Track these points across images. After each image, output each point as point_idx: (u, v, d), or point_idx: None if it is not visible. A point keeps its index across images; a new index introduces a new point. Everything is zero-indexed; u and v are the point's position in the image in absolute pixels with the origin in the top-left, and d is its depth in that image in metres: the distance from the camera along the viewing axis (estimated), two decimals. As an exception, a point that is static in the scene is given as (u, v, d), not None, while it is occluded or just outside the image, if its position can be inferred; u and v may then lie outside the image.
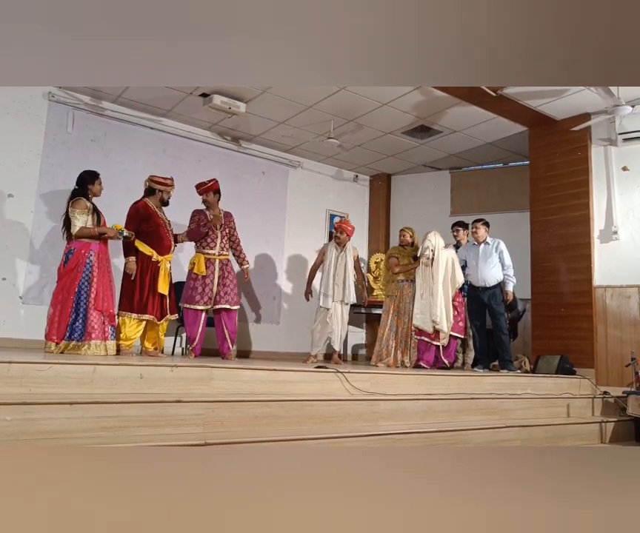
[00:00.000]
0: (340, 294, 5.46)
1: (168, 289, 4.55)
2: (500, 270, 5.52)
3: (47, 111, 5.78)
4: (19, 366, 2.76)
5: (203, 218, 4.95)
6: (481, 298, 5.53)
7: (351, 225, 5.74)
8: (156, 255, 4.49)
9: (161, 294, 4.49)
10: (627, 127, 5.75)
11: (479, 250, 5.58)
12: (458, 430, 3.79)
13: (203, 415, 2.94)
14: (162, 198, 4.67)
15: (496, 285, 5.50)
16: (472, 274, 5.62)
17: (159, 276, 4.46)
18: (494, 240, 5.60)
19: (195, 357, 4.68)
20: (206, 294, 4.76)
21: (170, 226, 4.71)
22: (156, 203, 4.65)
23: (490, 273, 5.49)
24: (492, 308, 5.49)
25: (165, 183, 4.67)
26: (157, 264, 4.49)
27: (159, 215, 4.64)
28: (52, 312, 4.09)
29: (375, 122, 6.41)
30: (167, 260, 4.59)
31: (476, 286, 5.56)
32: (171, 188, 4.71)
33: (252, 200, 7.14)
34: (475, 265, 5.56)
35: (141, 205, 4.59)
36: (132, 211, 4.56)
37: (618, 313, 5.75)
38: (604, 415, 4.83)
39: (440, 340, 5.38)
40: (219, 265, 4.87)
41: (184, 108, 6.21)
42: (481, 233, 5.59)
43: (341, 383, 3.76)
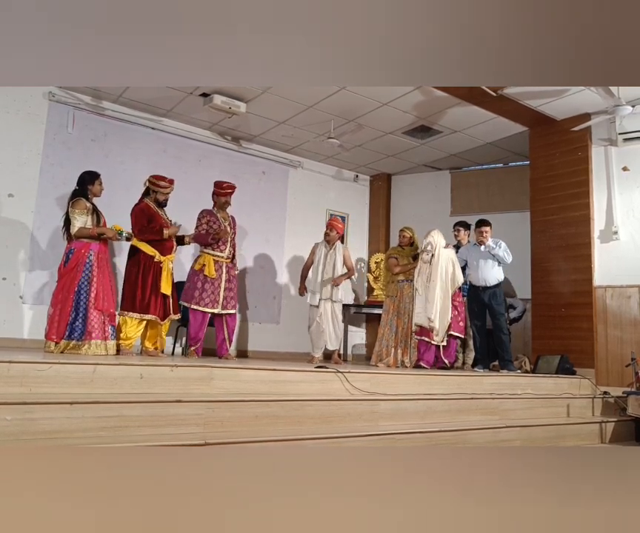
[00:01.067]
0: (328, 292, 5.45)
1: (171, 289, 4.56)
2: (501, 270, 5.54)
3: (47, 111, 5.78)
4: (19, 366, 2.76)
5: (213, 219, 4.94)
6: (481, 298, 5.53)
7: (341, 223, 5.80)
8: (159, 255, 4.49)
9: (164, 294, 4.49)
10: (627, 127, 5.75)
11: (480, 250, 5.58)
12: (458, 430, 3.79)
13: (203, 415, 2.94)
14: (156, 198, 4.66)
15: (497, 285, 5.51)
16: (472, 274, 5.63)
17: (162, 276, 4.46)
18: (496, 241, 5.60)
19: (198, 358, 4.68)
20: (215, 297, 4.76)
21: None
22: (155, 203, 4.66)
23: (491, 273, 5.50)
24: (492, 308, 5.49)
25: (158, 184, 4.65)
26: (159, 264, 4.49)
27: (161, 214, 4.65)
28: (52, 312, 4.10)
29: (376, 122, 6.41)
30: (170, 261, 4.59)
31: (477, 286, 5.57)
32: (166, 189, 4.67)
33: (253, 200, 7.14)
34: (476, 265, 5.56)
35: (144, 206, 4.61)
36: (137, 211, 4.57)
37: (618, 313, 5.75)
38: (604, 415, 4.83)
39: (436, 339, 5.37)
40: (226, 268, 4.88)
41: (185, 108, 6.21)
42: (487, 237, 5.60)
43: (341, 383, 3.77)
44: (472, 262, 5.65)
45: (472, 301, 5.65)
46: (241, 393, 3.35)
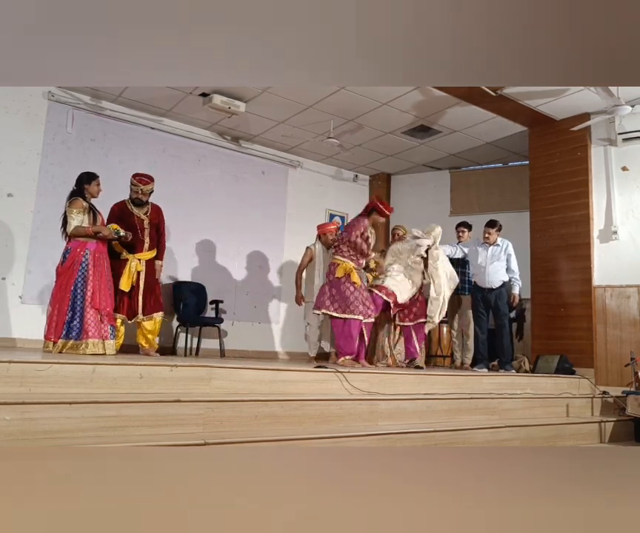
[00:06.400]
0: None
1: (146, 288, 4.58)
2: (505, 271, 5.54)
3: (46, 110, 5.79)
4: (19, 366, 2.76)
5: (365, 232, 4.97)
6: (487, 299, 5.54)
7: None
8: (125, 252, 4.54)
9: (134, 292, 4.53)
10: (626, 127, 5.76)
11: (488, 251, 5.58)
12: (457, 430, 3.79)
13: (203, 415, 2.94)
14: (132, 197, 4.70)
15: (502, 285, 5.51)
16: (478, 274, 5.62)
17: (123, 274, 4.49)
18: (503, 241, 5.61)
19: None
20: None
21: (147, 226, 4.68)
22: (131, 202, 4.70)
23: (497, 275, 5.51)
24: (498, 309, 5.50)
25: (133, 182, 4.68)
26: (126, 262, 4.54)
27: (135, 213, 4.66)
28: (50, 311, 4.12)
29: (375, 122, 6.41)
30: (137, 259, 4.58)
31: (482, 288, 5.57)
32: (135, 187, 4.66)
33: (252, 199, 7.14)
34: (484, 266, 5.56)
35: (117, 205, 4.68)
36: (110, 211, 4.65)
37: (617, 313, 5.75)
38: (604, 415, 4.83)
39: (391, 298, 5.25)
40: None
41: (184, 108, 6.21)
42: (493, 238, 5.61)
43: (341, 383, 3.76)
44: (479, 263, 5.63)
45: (477, 302, 5.64)
46: (241, 393, 3.35)
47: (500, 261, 5.54)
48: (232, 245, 6.94)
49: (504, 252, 5.57)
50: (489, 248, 5.59)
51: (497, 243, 5.61)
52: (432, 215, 7.52)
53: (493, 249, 5.58)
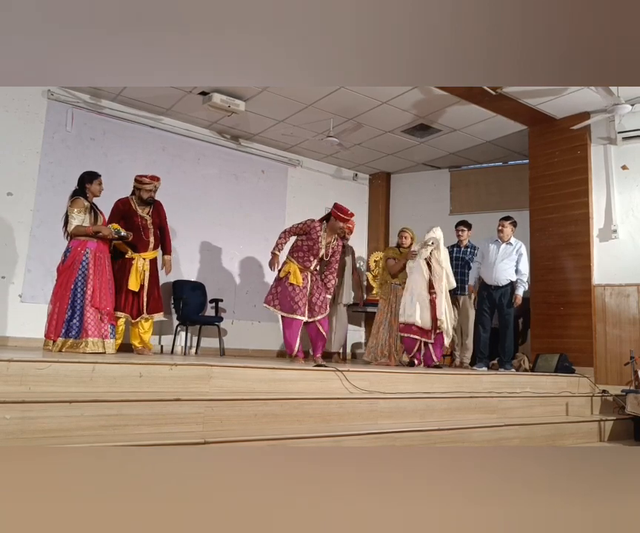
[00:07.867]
0: (339, 296, 5.44)
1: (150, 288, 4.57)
2: (513, 271, 5.53)
3: (46, 109, 5.78)
4: (18, 365, 2.76)
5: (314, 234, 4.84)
6: (493, 297, 5.53)
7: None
8: (131, 251, 4.52)
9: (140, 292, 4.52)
10: (626, 126, 5.75)
11: (500, 249, 5.57)
12: (457, 429, 3.79)
13: (202, 414, 2.94)
14: (140, 196, 4.68)
15: (508, 284, 5.50)
16: (486, 271, 5.60)
17: (130, 273, 4.48)
18: (517, 242, 5.60)
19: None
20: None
21: (151, 226, 4.67)
22: (137, 201, 4.68)
23: (505, 273, 5.49)
24: (502, 307, 5.50)
25: (141, 181, 4.68)
26: (131, 261, 4.52)
27: (139, 213, 4.65)
28: (51, 310, 4.13)
29: (375, 120, 6.41)
30: (144, 258, 4.58)
31: (489, 285, 5.56)
32: (148, 186, 4.66)
33: (252, 198, 7.14)
34: (493, 263, 5.54)
35: (122, 202, 4.65)
36: (113, 207, 4.62)
37: (617, 312, 5.75)
38: (603, 414, 4.84)
39: (428, 337, 5.28)
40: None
41: (184, 106, 6.21)
42: (507, 232, 5.58)
43: (341, 382, 3.77)
44: (489, 259, 5.60)
45: (482, 300, 5.63)
46: (241, 392, 3.35)
47: (510, 260, 5.51)
48: (231, 243, 6.94)
49: (516, 251, 5.54)
50: (501, 245, 5.58)
51: (510, 241, 5.60)
52: (431, 213, 7.53)
53: (505, 247, 5.56)
